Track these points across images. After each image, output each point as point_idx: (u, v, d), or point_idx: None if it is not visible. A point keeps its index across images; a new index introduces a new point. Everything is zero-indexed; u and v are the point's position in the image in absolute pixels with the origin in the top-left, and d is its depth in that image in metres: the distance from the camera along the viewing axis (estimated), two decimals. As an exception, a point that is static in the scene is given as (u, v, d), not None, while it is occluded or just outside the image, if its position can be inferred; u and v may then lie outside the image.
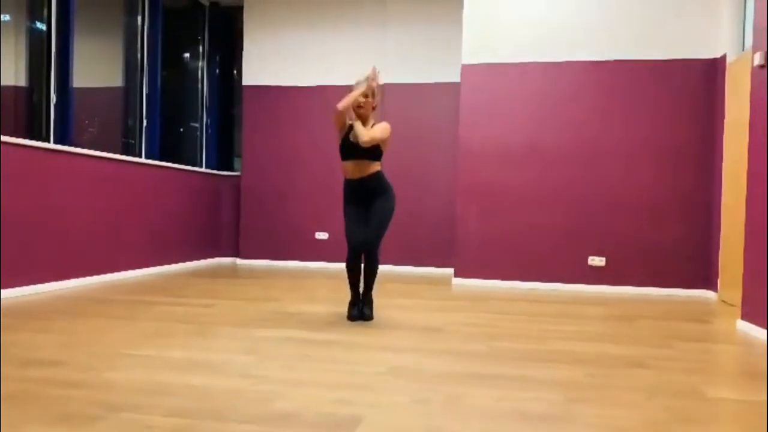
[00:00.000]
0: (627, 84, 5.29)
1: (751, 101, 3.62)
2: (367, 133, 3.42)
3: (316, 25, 6.80)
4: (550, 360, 2.72)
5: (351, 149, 3.49)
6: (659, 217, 5.23)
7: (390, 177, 3.64)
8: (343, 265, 3.47)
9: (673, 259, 5.20)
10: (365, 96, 3.49)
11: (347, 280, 3.59)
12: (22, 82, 4.84)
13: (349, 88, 3.61)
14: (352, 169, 3.52)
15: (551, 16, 5.41)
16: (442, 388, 2.24)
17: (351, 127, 3.51)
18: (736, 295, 4.40)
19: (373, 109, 3.57)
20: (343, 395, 2.13)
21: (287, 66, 6.86)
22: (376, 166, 3.52)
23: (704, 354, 3.01)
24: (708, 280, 5.13)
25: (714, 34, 5.14)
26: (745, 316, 3.57)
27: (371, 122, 3.56)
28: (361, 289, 3.60)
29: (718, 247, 4.94)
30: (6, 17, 4.76)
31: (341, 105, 3.44)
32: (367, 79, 3.49)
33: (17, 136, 4.23)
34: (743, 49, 4.83)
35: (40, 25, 4.84)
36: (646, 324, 3.73)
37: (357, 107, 3.49)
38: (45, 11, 4.83)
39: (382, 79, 3.52)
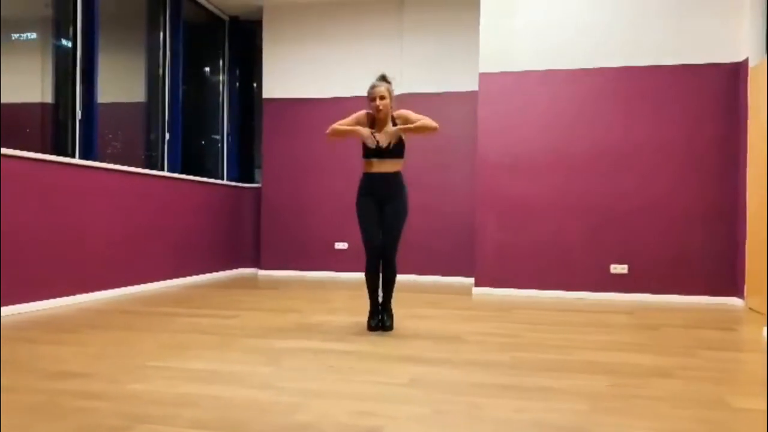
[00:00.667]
0: (648, 90, 5.24)
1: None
2: (394, 132, 3.48)
3: (334, 37, 6.86)
4: (573, 370, 2.69)
5: (376, 149, 3.50)
6: (682, 223, 5.15)
7: (409, 188, 3.66)
8: (362, 275, 3.50)
9: (697, 265, 5.12)
10: (382, 97, 3.49)
11: (366, 289, 3.60)
12: (49, 98, 4.96)
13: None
14: (375, 164, 3.53)
15: (569, 23, 5.39)
16: (463, 399, 2.23)
17: (372, 125, 3.53)
18: (763, 303, 4.32)
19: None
20: (363, 406, 2.13)
21: (306, 79, 6.93)
22: (399, 165, 3.55)
23: (731, 363, 2.95)
24: (734, 287, 5.03)
25: (736, 39, 5.07)
26: (773, 324, 3.49)
27: (389, 124, 3.56)
28: (380, 299, 3.61)
29: (744, 254, 4.85)
30: (33, 35, 4.90)
31: (331, 131, 3.56)
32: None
33: (44, 153, 4.34)
34: (766, 53, 4.76)
35: (66, 43, 4.97)
36: (671, 332, 3.67)
37: (377, 111, 3.50)
38: (70, 29, 4.95)
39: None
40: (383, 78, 3.59)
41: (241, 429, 1.90)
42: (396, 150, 3.50)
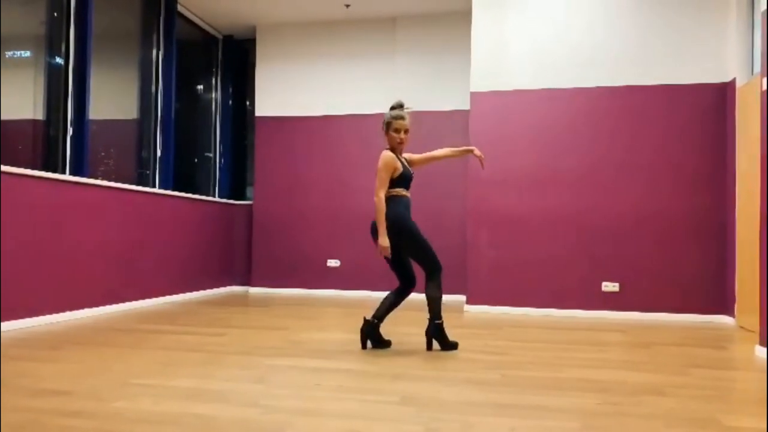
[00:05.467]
0: (638, 109, 5.29)
1: (761, 125, 3.59)
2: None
3: (327, 56, 6.91)
4: (565, 388, 2.67)
5: (410, 180, 3.59)
6: (673, 242, 5.17)
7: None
8: (354, 293, 3.52)
9: (688, 283, 5.12)
10: (406, 131, 3.57)
11: (441, 301, 3.55)
12: (40, 115, 4.95)
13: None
14: (407, 195, 3.59)
15: (560, 42, 5.45)
16: (455, 418, 2.20)
17: (402, 161, 3.56)
18: (754, 321, 4.32)
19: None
20: (354, 425, 2.10)
21: (299, 96, 6.96)
22: None
23: (722, 381, 2.93)
24: (725, 305, 5.04)
25: (723, 60, 5.14)
26: (763, 342, 3.48)
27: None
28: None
29: (734, 272, 4.86)
30: (27, 53, 4.90)
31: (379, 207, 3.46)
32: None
33: (34, 168, 4.31)
34: (752, 74, 4.83)
35: (59, 60, 4.97)
36: (663, 350, 3.65)
37: (399, 143, 3.55)
38: (63, 47, 4.96)
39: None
40: (402, 106, 3.62)
41: (226, 447, 1.86)
42: None
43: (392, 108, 3.60)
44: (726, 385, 2.88)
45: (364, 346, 3.53)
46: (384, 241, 3.40)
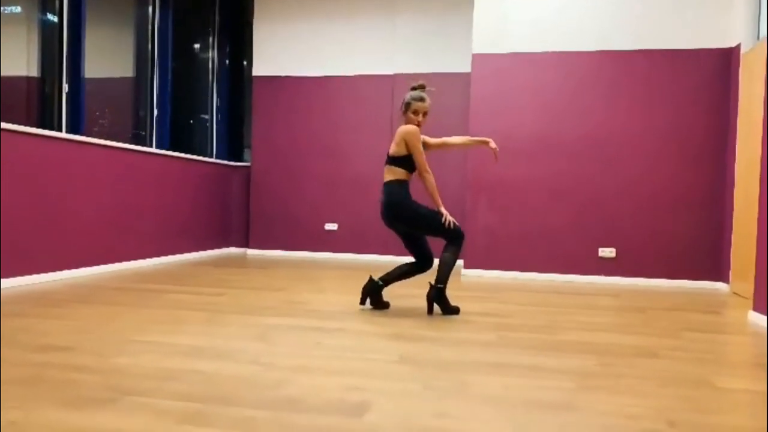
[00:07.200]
0: (640, 74, 5.23)
1: (765, 91, 3.56)
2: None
3: (326, 15, 6.78)
4: (560, 349, 2.71)
5: None
6: (670, 209, 5.18)
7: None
8: (353, 256, 3.48)
9: (684, 250, 5.16)
10: (425, 114, 3.49)
11: (452, 268, 3.47)
12: (35, 72, 4.87)
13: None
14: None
15: (564, 5, 5.36)
16: (452, 376, 2.23)
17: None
18: (747, 287, 4.36)
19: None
20: (352, 382, 2.13)
21: (297, 56, 6.85)
22: None
23: (715, 345, 2.98)
24: (720, 272, 5.08)
25: (728, 24, 5.07)
26: (756, 308, 3.53)
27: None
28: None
29: (730, 239, 4.89)
30: (18, 9, 4.79)
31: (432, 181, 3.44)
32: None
33: (30, 126, 4.26)
34: (758, 39, 4.76)
35: (52, 17, 4.86)
36: (658, 315, 3.70)
37: (417, 125, 3.47)
38: (57, 3, 4.84)
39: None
40: (423, 87, 3.53)
41: (227, 403, 1.89)
42: None
43: (413, 88, 3.52)
44: (719, 348, 2.93)
45: (362, 303, 3.56)
46: (443, 209, 3.43)
